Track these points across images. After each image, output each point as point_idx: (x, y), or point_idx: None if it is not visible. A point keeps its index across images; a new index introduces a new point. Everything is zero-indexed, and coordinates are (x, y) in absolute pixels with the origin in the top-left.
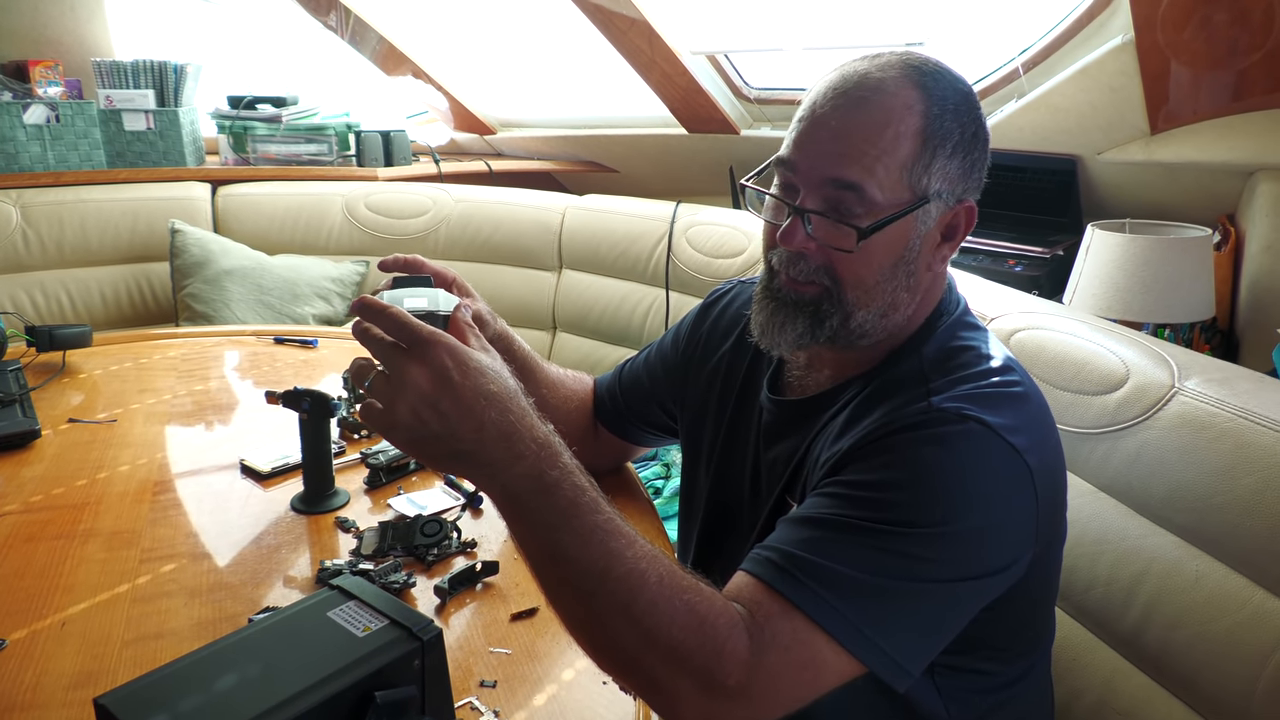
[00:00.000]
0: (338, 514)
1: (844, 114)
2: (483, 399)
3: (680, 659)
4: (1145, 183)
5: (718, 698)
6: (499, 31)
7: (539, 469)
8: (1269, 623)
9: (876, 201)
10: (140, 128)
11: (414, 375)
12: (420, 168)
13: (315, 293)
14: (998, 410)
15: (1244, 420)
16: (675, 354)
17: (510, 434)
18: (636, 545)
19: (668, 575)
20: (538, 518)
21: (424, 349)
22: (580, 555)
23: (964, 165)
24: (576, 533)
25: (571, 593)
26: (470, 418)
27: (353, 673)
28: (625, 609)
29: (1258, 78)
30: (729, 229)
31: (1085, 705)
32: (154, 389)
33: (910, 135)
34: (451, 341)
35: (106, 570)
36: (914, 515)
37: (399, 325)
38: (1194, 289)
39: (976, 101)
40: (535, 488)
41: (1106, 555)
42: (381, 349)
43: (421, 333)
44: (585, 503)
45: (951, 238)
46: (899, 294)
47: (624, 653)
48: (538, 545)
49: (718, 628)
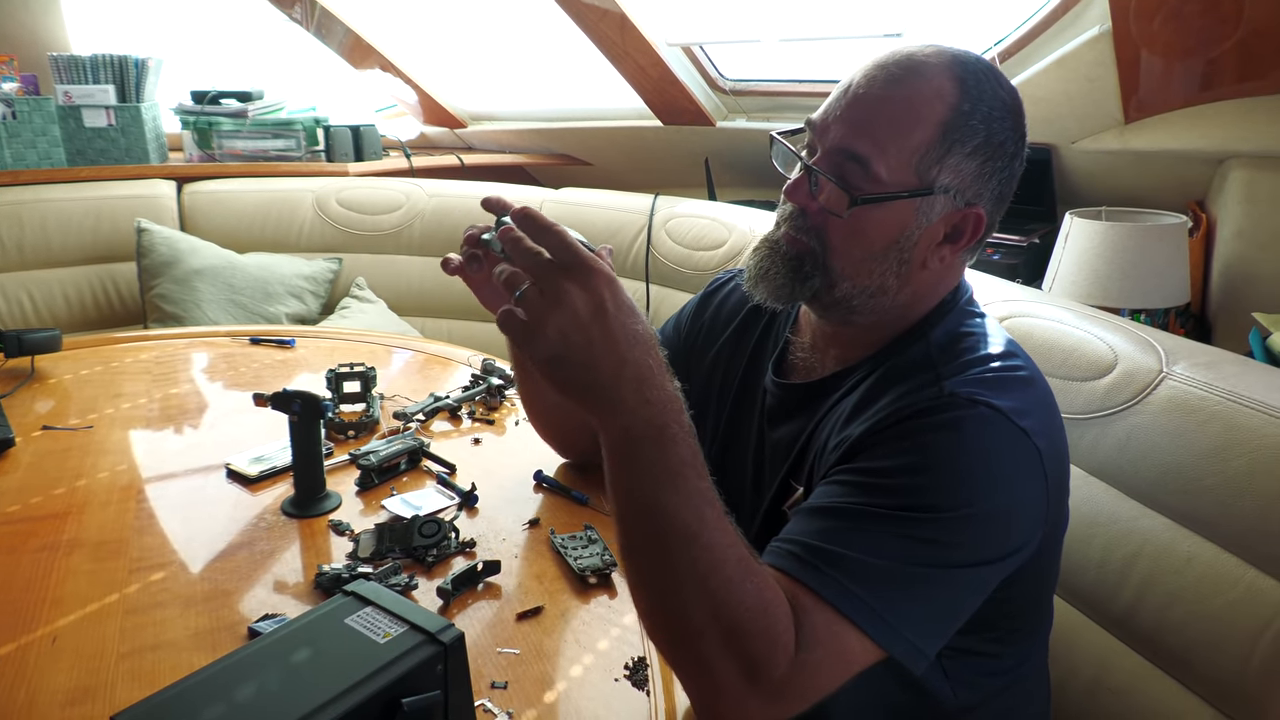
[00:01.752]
0: (330, 517)
1: (875, 87)
2: (631, 337)
3: (737, 642)
4: (1119, 171)
5: (759, 688)
6: (468, 23)
7: (663, 420)
8: (1260, 601)
9: (880, 178)
10: (101, 124)
11: (573, 297)
12: (391, 162)
13: (288, 291)
14: (1007, 394)
15: (1233, 403)
16: (676, 342)
17: (646, 379)
18: (726, 521)
19: (747, 558)
20: (649, 468)
21: (586, 274)
22: (678, 514)
23: (983, 169)
24: (680, 492)
25: (655, 550)
26: (614, 352)
27: (377, 680)
28: (705, 578)
29: (1227, 67)
30: (709, 221)
31: (1080, 685)
32: (127, 393)
33: (932, 123)
34: (611, 274)
35: (95, 581)
36: (931, 500)
37: (564, 244)
38: (1170, 275)
39: (1020, 116)
40: (655, 437)
41: (1099, 538)
42: (538, 264)
43: (586, 257)
44: (697, 465)
45: (955, 240)
46: (888, 278)
47: (688, 622)
48: (641, 494)
49: (779, 619)
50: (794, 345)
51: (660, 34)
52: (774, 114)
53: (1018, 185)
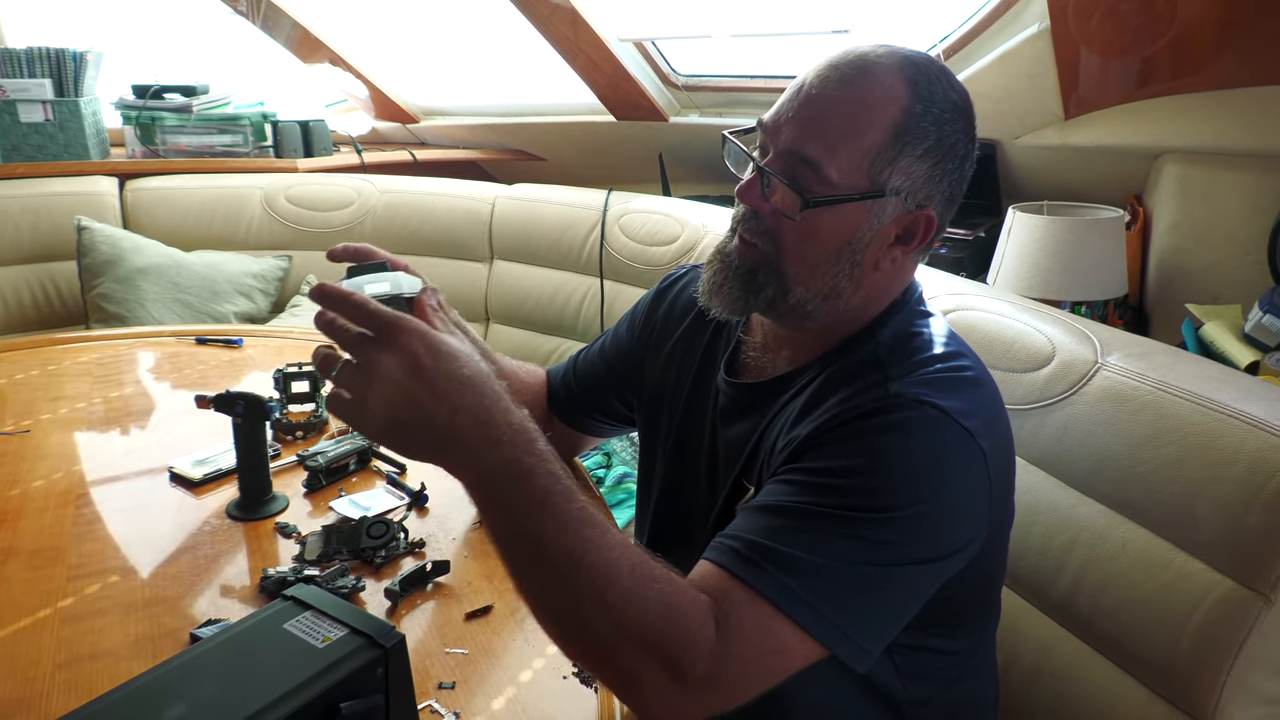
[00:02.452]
0: (277, 519)
1: (828, 88)
2: (457, 384)
3: (651, 647)
4: (1060, 165)
5: (685, 687)
6: (420, 17)
7: (515, 455)
8: (1189, 584)
9: (832, 181)
10: (38, 119)
11: (385, 364)
12: (342, 158)
13: (236, 290)
14: (952, 395)
15: (1163, 392)
16: (630, 340)
17: (485, 420)
18: (610, 534)
19: (640, 565)
20: (514, 504)
21: (393, 335)
22: (556, 542)
23: (934, 171)
24: (552, 520)
25: (545, 581)
26: (445, 404)
27: (315, 685)
28: (600, 596)
29: (1161, 65)
30: (663, 216)
31: (1022, 670)
32: (67, 396)
33: (883, 126)
34: (421, 326)
35: (31, 590)
36: (874, 500)
37: (364, 312)
38: (1108, 267)
39: (970, 118)
40: (512, 473)
41: (1038, 526)
42: (347, 338)
43: (389, 318)
44: (561, 490)
45: (907, 241)
46: (841, 281)
47: (596, 641)
48: (514, 532)
49: (688, 618)
50: (746, 345)
51: (612, 29)
52: (727, 109)
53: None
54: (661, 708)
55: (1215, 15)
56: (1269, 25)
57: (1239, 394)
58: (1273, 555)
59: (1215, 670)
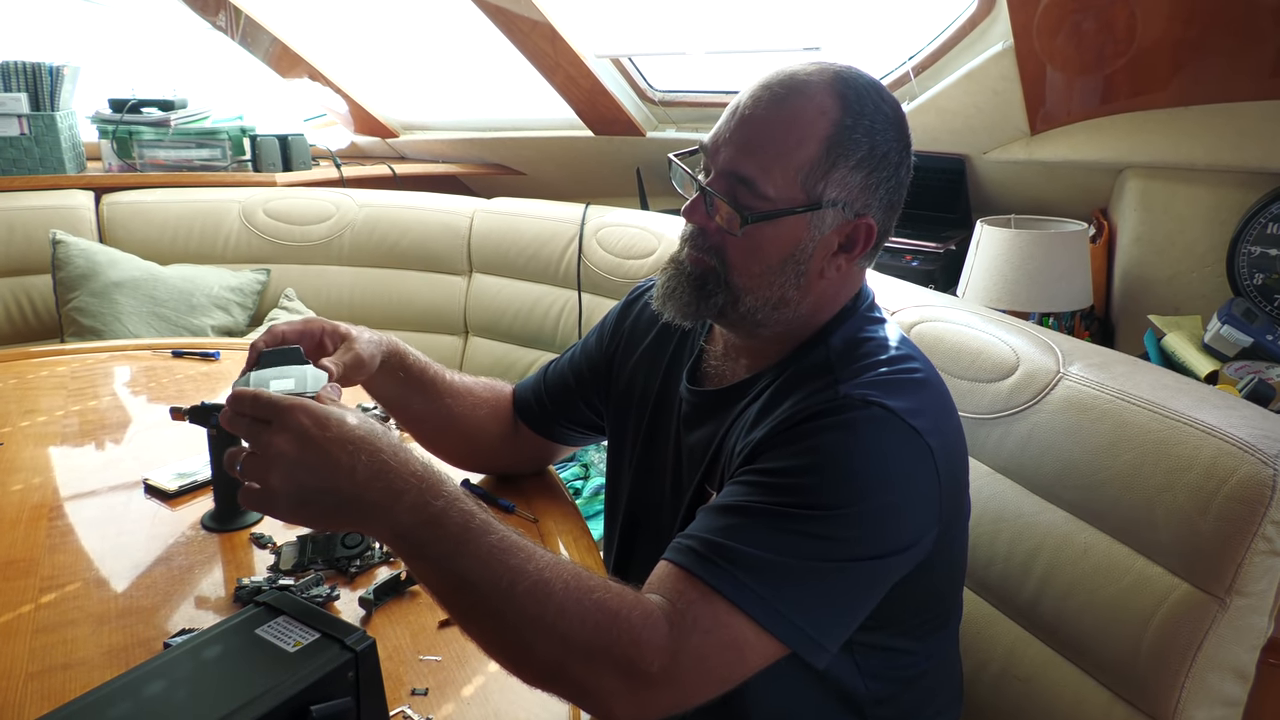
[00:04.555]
0: (252, 530)
1: (760, 108)
2: (349, 444)
3: (598, 656)
4: (1027, 180)
5: (644, 687)
6: (398, 32)
7: (423, 500)
8: (1149, 588)
9: (768, 196)
10: (13, 133)
11: (278, 443)
12: (321, 172)
13: (213, 303)
14: (899, 395)
15: (1121, 401)
16: (599, 351)
17: (384, 472)
18: (537, 558)
19: (573, 579)
20: (432, 550)
21: (281, 416)
22: (482, 578)
23: (868, 180)
24: (473, 556)
25: (481, 616)
26: (339, 466)
27: (286, 688)
28: (536, 620)
29: (1122, 82)
30: (639, 230)
31: (990, 675)
32: (41, 408)
33: (815, 140)
34: (305, 403)
35: (2, 601)
36: (824, 498)
37: (258, 404)
38: (1073, 279)
39: (902, 127)
40: (423, 520)
41: (1005, 532)
42: (248, 430)
43: (279, 403)
44: (476, 526)
45: (850, 249)
46: (788, 291)
47: (544, 663)
48: (439, 577)
49: (631, 620)
50: (708, 354)
51: (590, 46)
52: (702, 124)
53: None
54: (627, 711)
55: (1173, 35)
56: (1223, 44)
57: (1194, 402)
58: (1227, 560)
59: (1175, 672)
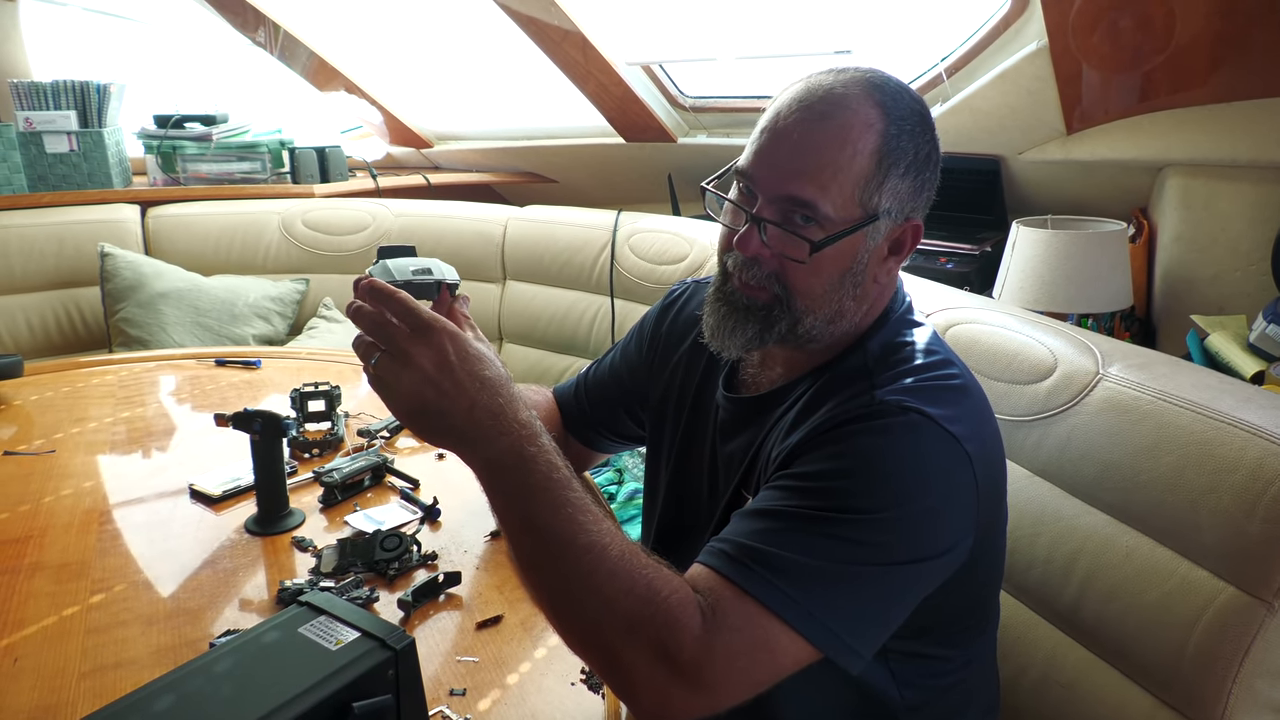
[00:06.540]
0: (294, 534)
1: (805, 128)
2: (478, 383)
3: (635, 630)
4: (1064, 180)
5: (672, 674)
6: (432, 44)
7: (519, 445)
8: (1194, 591)
9: (829, 218)
10: (63, 150)
11: (418, 355)
12: (357, 183)
13: (255, 313)
14: (937, 402)
15: (1163, 402)
16: (639, 355)
17: (497, 414)
18: (604, 523)
19: (629, 552)
20: (513, 488)
21: (427, 334)
22: (549, 524)
23: (915, 185)
24: (546, 504)
25: (540, 561)
26: (464, 398)
27: (328, 685)
28: (588, 576)
29: (1161, 80)
30: (671, 235)
31: (1030, 680)
32: (91, 416)
33: (867, 154)
34: (453, 328)
35: (56, 603)
36: (859, 502)
37: (405, 310)
38: (1112, 280)
39: (931, 122)
40: (514, 462)
41: (1044, 536)
42: (383, 332)
43: (426, 318)
44: (557, 479)
45: (898, 252)
46: (845, 303)
47: (584, 621)
48: (513, 514)
49: (670, 602)
50: (745, 361)
51: (621, 54)
52: (734, 129)
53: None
54: (652, 697)
55: (1212, 30)
56: (1264, 39)
57: (1238, 402)
58: (1275, 562)
59: (1221, 678)
